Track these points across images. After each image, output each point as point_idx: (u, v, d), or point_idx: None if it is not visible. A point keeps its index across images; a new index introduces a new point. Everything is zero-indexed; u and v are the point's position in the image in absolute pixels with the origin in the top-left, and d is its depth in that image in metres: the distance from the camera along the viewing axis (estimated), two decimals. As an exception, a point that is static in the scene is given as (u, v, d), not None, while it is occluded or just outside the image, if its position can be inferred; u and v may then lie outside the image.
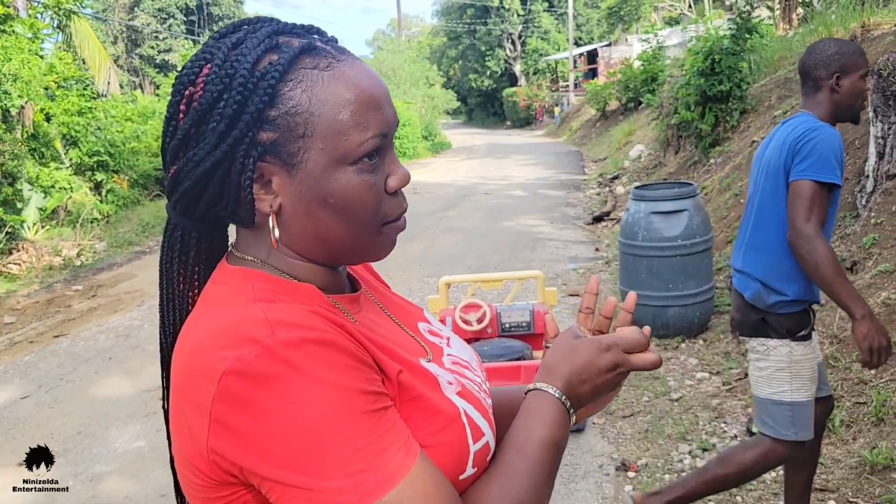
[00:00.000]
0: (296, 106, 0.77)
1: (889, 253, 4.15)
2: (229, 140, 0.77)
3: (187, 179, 0.79)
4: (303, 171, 0.78)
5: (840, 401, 3.52)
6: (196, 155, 0.78)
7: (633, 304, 1.01)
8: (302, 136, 0.77)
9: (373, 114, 0.80)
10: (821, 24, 7.77)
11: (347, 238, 0.83)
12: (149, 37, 33.16)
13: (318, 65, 0.79)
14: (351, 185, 0.79)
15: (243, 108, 0.77)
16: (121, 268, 8.93)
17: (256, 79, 0.77)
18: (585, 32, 43.06)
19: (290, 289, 0.81)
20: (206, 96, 0.77)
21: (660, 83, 14.43)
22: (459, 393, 0.86)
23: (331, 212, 0.80)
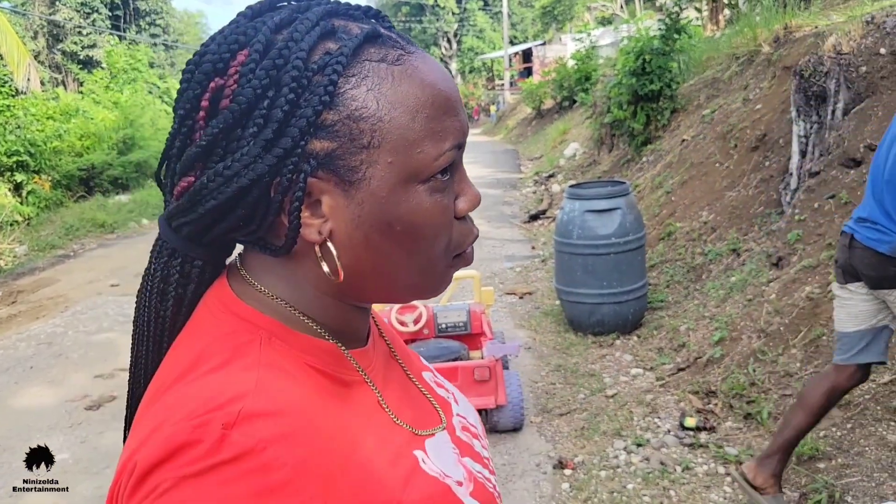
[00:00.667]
0: (360, 109, 0.61)
1: (812, 248, 4.28)
2: (277, 150, 0.60)
3: (212, 198, 0.61)
4: (364, 190, 0.62)
5: (767, 393, 3.61)
6: (230, 167, 0.60)
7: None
8: (367, 146, 0.61)
9: (450, 120, 0.65)
10: (746, 26, 7.98)
11: (411, 273, 0.67)
12: (72, 32, 32.02)
13: (385, 57, 0.63)
14: (423, 209, 0.64)
15: (295, 110, 0.60)
16: (43, 272, 8.58)
17: (312, 73, 0.61)
18: (520, 31, 43.49)
19: (307, 348, 0.66)
20: (245, 92, 0.60)
21: (593, 82, 14.65)
22: (473, 493, 0.71)
23: (396, 241, 0.64)
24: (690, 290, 5.24)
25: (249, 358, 0.61)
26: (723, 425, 3.62)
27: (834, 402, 2.75)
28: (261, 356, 0.62)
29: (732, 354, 4.01)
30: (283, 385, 0.60)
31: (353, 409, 0.66)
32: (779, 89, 6.16)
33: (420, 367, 0.87)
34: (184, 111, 0.63)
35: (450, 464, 0.72)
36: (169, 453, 0.53)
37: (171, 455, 0.53)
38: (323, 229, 0.63)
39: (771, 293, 4.22)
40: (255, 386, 0.58)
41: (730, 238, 5.33)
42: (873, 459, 2.99)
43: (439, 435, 0.74)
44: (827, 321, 3.67)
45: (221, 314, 0.66)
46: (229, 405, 0.55)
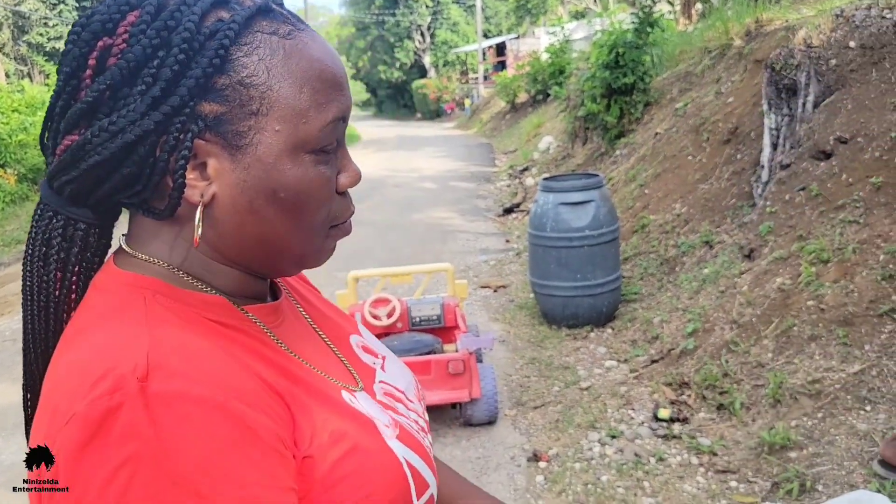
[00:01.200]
0: (250, 76, 0.63)
1: (783, 240, 4.32)
2: (165, 108, 0.61)
3: (96, 153, 0.61)
4: (251, 155, 0.64)
5: (740, 384, 3.63)
6: (116, 123, 0.61)
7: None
8: (255, 113, 0.63)
9: (335, 94, 0.67)
10: (718, 20, 8.03)
11: (293, 241, 0.69)
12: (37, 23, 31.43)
13: (277, 31, 0.65)
14: (307, 178, 0.66)
15: (185, 70, 0.61)
16: (8, 268, 8.41)
17: (204, 37, 0.62)
18: (494, 25, 43.44)
19: (192, 302, 0.66)
20: (134, 50, 0.61)
21: (567, 76, 14.67)
22: (399, 436, 0.73)
23: (280, 208, 0.66)
24: (664, 282, 5.26)
25: (136, 314, 0.62)
26: (696, 416, 3.64)
27: None
28: (147, 311, 0.62)
29: (705, 346, 4.03)
30: (177, 331, 0.61)
31: (252, 353, 0.66)
32: (750, 82, 6.21)
33: (347, 332, 0.87)
34: (70, 69, 0.63)
35: (374, 411, 0.74)
36: (92, 432, 0.52)
37: (96, 432, 0.52)
38: (206, 192, 0.65)
39: (743, 285, 4.25)
40: (149, 336, 0.58)
41: (702, 230, 5.36)
42: (844, 448, 3.01)
43: (358, 394, 0.75)
44: (798, 312, 3.70)
45: (107, 286, 0.66)
46: (131, 358, 0.55)
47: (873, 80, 4.58)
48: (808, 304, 3.70)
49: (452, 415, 3.90)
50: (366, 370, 0.83)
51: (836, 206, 4.15)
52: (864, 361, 3.33)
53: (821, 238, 4.01)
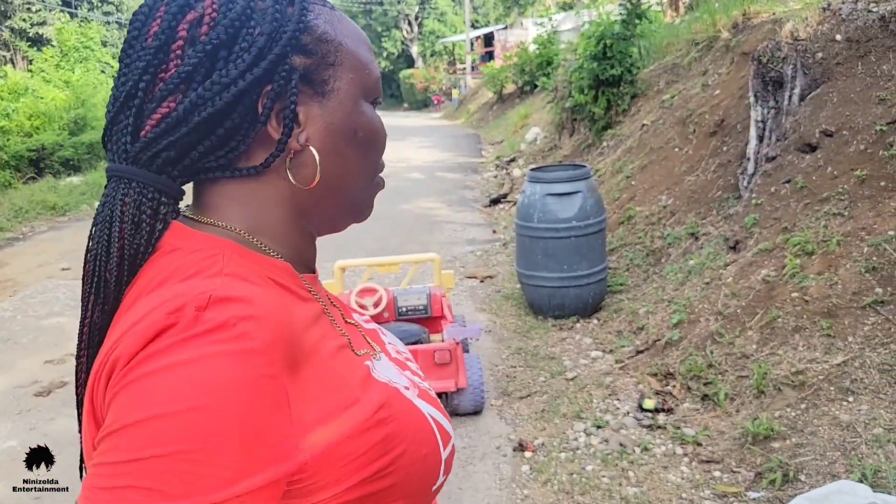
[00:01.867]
0: (325, 33, 0.73)
1: (769, 232, 4.34)
2: (270, 58, 0.68)
3: (210, 106, 0.66)
4: (335, 100, 0.73)
5: (724, 375, 3.66)
6: (225, 75, 0.66)
7: None
8: (333, 64, 0.73)
9: (371, 56, 0.79)
10: (705, 12, 8.04)
11: (360, 184, 0.78)
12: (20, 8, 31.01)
13: (325, 3, 0.77)
14: (376, 121, 0.77)
15: (280, 27, 0.69)
16: (-9, 257, 8.32)
17: (285, 4, 0.71)
18: (482, 15, 43.32)
19: (264, 264, 0.70)
20: (231, 15, 0.67)
21: (555, 67, 14.66)
22: (420, 395, 0.79)
23: (356, 148, 0.76)
24: (650, 273, 5.28)
25: (214, 269, 0.65)
26: (681, 406, 3.66)
27: None
28: (224, 267, 0.66)
29: (690, 337, 4.06)
30: (246, 284, 0.65)
31: (311, 317, 0.71)
32: (737, 75, 6.22)
33: (348, 310, 0.91)
34: (158, 43, 0.67)
35: (393, 375, 0.78)
36: (148, 339, 0.58)
37: (150, 341, 0.58)
38: (300, 138, 0.71)
39: (728, 276, 4.27)
40: (222, 283, 0.63)
41: (688, 222, 5.38)
42: (826, 439, 3.04)
43: (378, 362, 0.79)
44: (782, 304, 3.72)
45: (180, 245, 0.69)
46: (199, 294, 0.60)
47: (859, 73, 4.60)
48: (793, 295, 3.72)
49: (438, 405, 3.90)
50: (375, 336, 0.88)
51: (820, 199, 4.17)
52: (848, 353, 3.36)
53: (805, 230, 4.03)
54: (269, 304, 0.63)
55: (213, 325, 0.58)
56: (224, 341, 0.57)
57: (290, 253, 0.76)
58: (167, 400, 0.55)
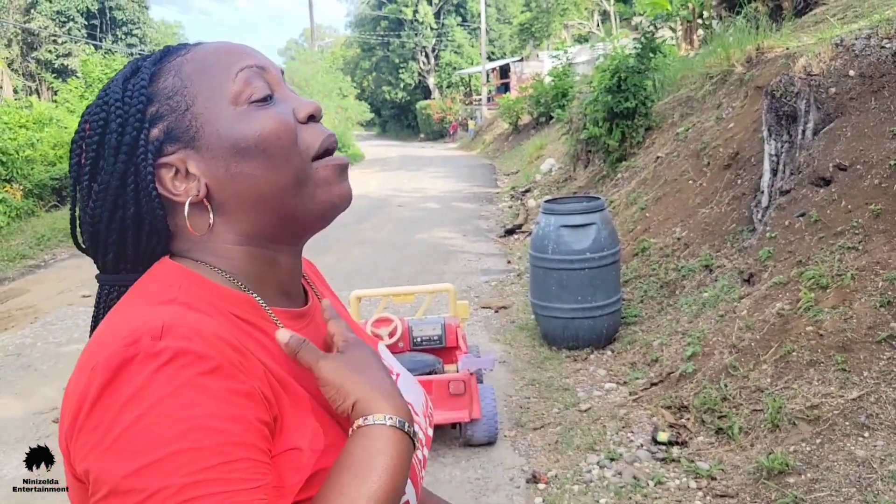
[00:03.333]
0: (170, 90, 0.78)
1: (783, 265, 4.35)
2: (125, 147, 0.75)
3: (102, 209, 0.77)
4: (204, 136, 0.76)
5: (739, 408, 3.65)
6: (101, 181, 0.77)
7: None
8: (187, 108, 0.77)
9: (235, 58, 0.80)
10: (719, 46, 8.11)
11: (282, 186, 0.77)
12: (46, 40, 31.69)
13: (178, 53, 0.81)
14: (256, 122, 0.77)
15: (126, 118, 0.76)
16: (12, 283, 8.44)
17: (130, 92, 0.78)
18: (498, 47, 43.76)
19: (224, 296, 0.76)
20: (92, 126, 0.78)
21: (570, 99, 14.77)
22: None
23: (250, 160, 0.76)
24: (664, 305, 5.28)
25: (169, 297, 0.72)
26: (695, 440, 3.65)
27: None
28: (178, 296, 0.72)
29: (704, 369, 4.05)
30: (198, 314, 0.70)
31: (266, 353, 0.74)
32: (751, 109, 6.27)
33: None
34: (73, 178, 0.81)
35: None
36: (111, 376, 0.62)
37: (114, 377, 0.62)
38: (199, 187, 0.77)
39: (742, 309, 4.28)
40: (173, 311, 0.68)
41: (702, 254, 5.40)
42: (842, 475, 3.02)
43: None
44: (797, 338, 3.72)
45: (156, 274, 0.78)
46: (152, 324, 0.65)
47: (872, 108, 4.63)
48: (807, 329, 3.72)
49: (452, 435, 3.91)
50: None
51: (835, 233, 4.18)
52: (863, 388, 3.35)
53: (820, 264, 4.04)
54: (216, 330, 0.68)
55: (173, 353, 0.63)
56: (187, 366, 0.63)
57: (255, 279, 0.80)
58: (155, 445, 0.60)
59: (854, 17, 6.59)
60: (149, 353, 0.63)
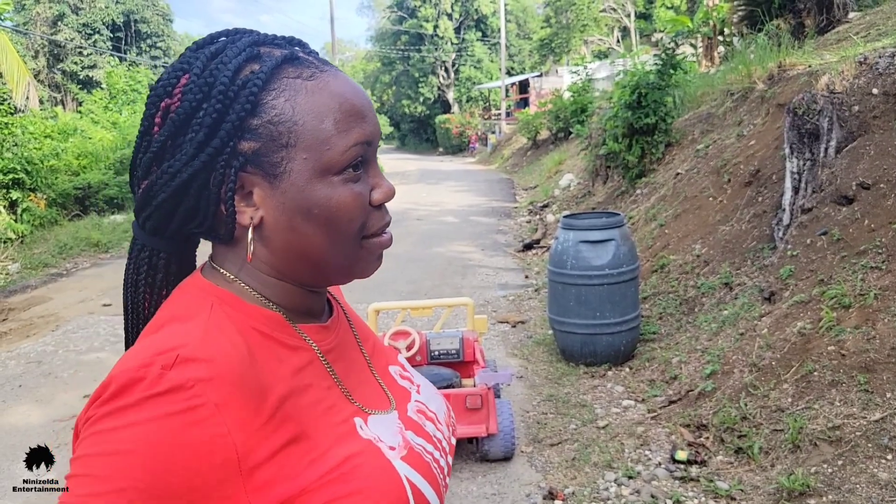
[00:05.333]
0: (279, 115, 0.74)
1: (804, 284, 4.31)
2: (209, 149, 0.73)
3: (162, 192, 0.75)
4: (286, 181, 0.75)
5: (759, 428, 3.61)
6: (172, 166, 0.74)
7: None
8: (285, 145, 0.74)
9: (356, 122, 0.77)
10: (740, 63, 8.09)
11: (331, 253, 0.78)
12: (72, 52, 32.17)
13: (300, 74, 0.76)
14: (336, 196, 0.76)
15: (223, 117, 0.73)
16: (35, 290, 8.54)
17: (237, 88, 0.74)
18: (517, 62, 43.89)
19: (253, 314, 0.78)
20: (183, 106, 0.74)
21: (589, 114, 14.78)
22: (405, 457, 0.81)
23: (315, 224, 0.76)
24: (683, 322, 5.25)
25: (200, 317, 0.74)
26: (714, 459, 3.61)
27: None
28: (209, 316, 0.74)
29: (724, 388, 4.02)
30: (222, 340, 0.71)
31: (291, 369, 0.76)
32: (772, 126, 6.24)
33: (388, 362, 0.97)
34: (143, 129, 0.77)
35: (388, 433, 0.82)
36: (120, 390, 0.66)
37: (121, 391, 0.65)
38: (255, 216, 0.76)
39: (763, 328, 4.24)
40: (196, 338, 0.70)
41: (722, 272, 5.36)
42: (864, 497, 2.98)
43: (388, 414, 0.85)
44: (818, 357, 3.68)
45: (188, 288, 0.80)
46: (170, 352, 0.67)
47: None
48: (829, 349, 3.68)
49: (469, 450, 3.90)
50: (401, 392, 0.92)
51: (857, 252, 4.14)
52: (886, 409, 3.30)
53: (842, 283, 4.00)
54: (231, 363, 0.69)
55: (171, 385, 0.65)
56: (176, 402, 0.65)
57: (285, 304, 0.81)
58: (118, 474, 0.63)
59: (877, 35, 6.55)
60: (152, 380, 0.65)
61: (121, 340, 6.32)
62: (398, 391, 0.91)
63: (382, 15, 48.82)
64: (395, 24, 45.06)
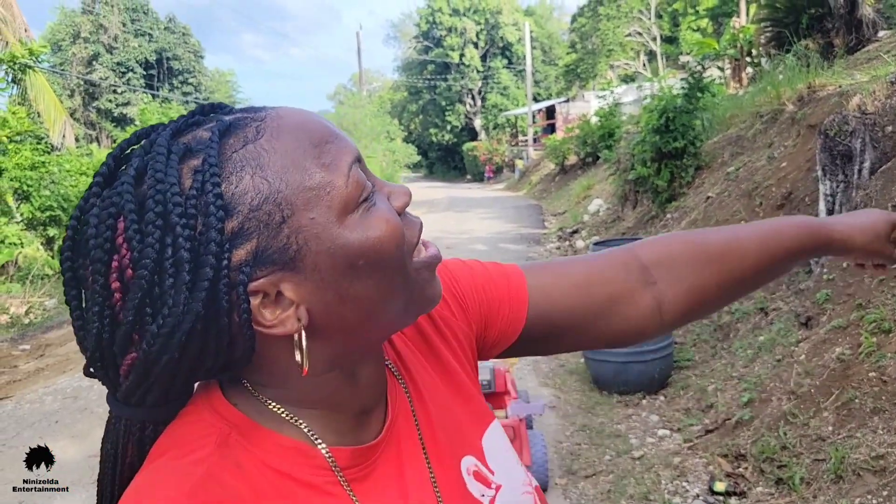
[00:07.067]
0: (255, 197, 0.59)
1: (842, 308, 4.22)
2: (202, 285, 0.58)
3: (161, 356, 0.59)
4: (310, 256, 0.60)
5: (799, 457, 3.52)
6: (164, 325, 0.58)
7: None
8: (283, 221, 0.59)
9: (333, 145, 0.63)
10: (769, 84, 8.04)
11: (395, 300, 0.65)
12: (107, 90, 33.01)
13: (245, 138, 0.61)
14: (370, 232, 0.62)
15: (200, 241, 0.58)
16: (70, 326, 8.67)
17: (194, 198, 0.58)
18: (544, 88, 44.05)
19: (268, 447, 0.64)
20: (145, 253, 0.57)
21: (616, 139, 14.74)
22: None
23: (365, 276, 0.62)
24: (717, 349, 5.16)
25: (203, 451, 0.61)
26: (754, 490, 3.53)
27: None
28: (213, 454, 0.62)
29: (762, 416, 3.93)
30: (221, 493, 0.60)
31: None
32: (804, 147, 6.16)
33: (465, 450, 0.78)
34: (95, 303, 0.60)
35: None
36: None
37: None
38: (300, 314, 0.61)
39: (800, 354, 4.15)
40: (183, 494, 0.58)
41: (757, 297, 5.27)
42: (912, 529, 2.88)
43: None
44: (859, 384, 3.59)
45: (198, 407, 0.66)
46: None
47: (931, 146, 4.51)
48: (870, 375, 3.59)
49: (502, 482, 3.85)
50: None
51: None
52: (931, 437, 3.20)
53: (881, 307, 3.91)
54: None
55: None
56: None
57: (328, 415, 0.68)
58: None
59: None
60: None
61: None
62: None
63: (409, 45, 49.43)
64: (421, 54, 45.59)
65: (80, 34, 33.73)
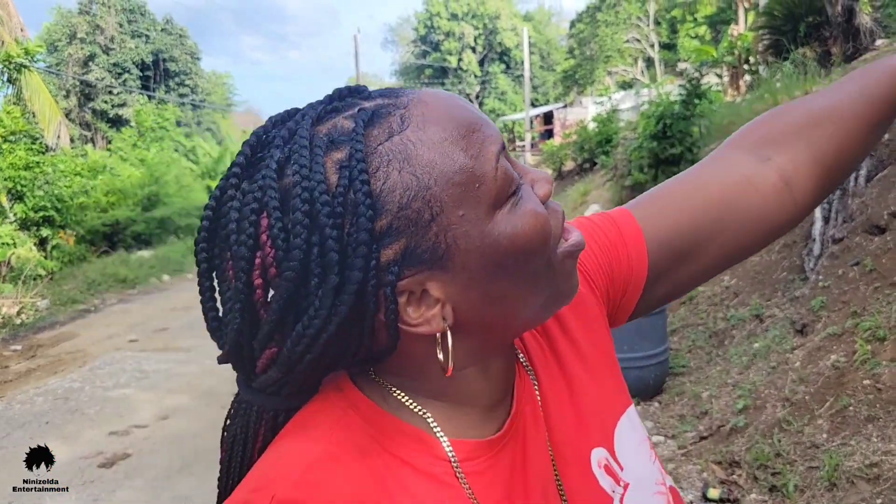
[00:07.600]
0: (404, 194, 0.56)
1: (837, 316, 4.21)
2: (350, 287, 0.56)
3: (306, 355, 0.58)
4: (458, 255, 0.58)
5: (793, 465, 3.50)
6: (311, 326, 0.56)
7: None
8: (431, 219, 0.57)
9: (480, 134, 0.59)
10: (767, 91, 8.06)
11: (543, 289, 0.63)
12: (102, 91, 32.96)
13: (391, 129, 0.58)
14: (519, 228, 0.59)
15: (349, 242, 0.56)
16: (63, 327, 8.65)
17: (341, 196, 0.56)
18: (541, 94, 44.16)
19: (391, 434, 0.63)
20: (291, 255, 0.56)
21: (614, 145, 14.75)
22: None
23: (513, 274, 0.60)
24: (712, 355, 5.15)
25: (319, 430, 0.61)
26: (747, 497, 3.51)
27: None
28: (332, 430, 0.61)
29: (756, 423, 3.92)
30: (337, 471, 0.59)
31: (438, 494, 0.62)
32: (800, 154, 6.16)
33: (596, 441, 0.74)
34: (241, 302, 0.58)
35: None
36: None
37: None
38: (446, 314, 0.60)
39: (795, 361, 4.14)
40: (302, 466, 0.58)
41: (752, 303, 5.26)
42: (906, 538, 2.87)
43: None
44: (853, 391, 3.58)
45: (326, 391, 0.66)
46: (266, 489, 0.57)
47: (927, 154, 4.51)
48: (865, 382, 3.58)
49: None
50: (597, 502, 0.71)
51: (892, 282, 4.04)
52: (926, 445, 3.19)
53: (876, 315, 3.90)
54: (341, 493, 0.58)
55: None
56: None
57: (454, 409, 0.66)
58: None
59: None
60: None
61: (146, 377, 6.37)
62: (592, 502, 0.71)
63: (406, 49, 49.54)
64: (419, 58, 45.68)
65: (76, 35, 33.67)
